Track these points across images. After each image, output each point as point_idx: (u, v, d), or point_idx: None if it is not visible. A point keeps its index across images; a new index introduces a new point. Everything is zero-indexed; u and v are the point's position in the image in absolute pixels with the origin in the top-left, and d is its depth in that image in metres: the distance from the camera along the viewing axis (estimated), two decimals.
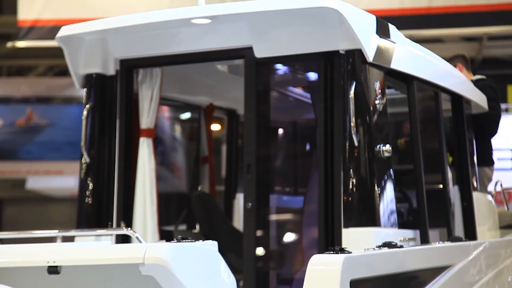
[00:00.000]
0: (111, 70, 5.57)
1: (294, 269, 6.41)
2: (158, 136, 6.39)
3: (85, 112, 5.58)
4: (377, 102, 4.81)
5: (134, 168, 5.66)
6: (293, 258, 6.50)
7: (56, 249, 3.63)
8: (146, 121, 5.71)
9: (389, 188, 4.86)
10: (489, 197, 6.14)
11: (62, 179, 15.75)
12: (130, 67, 5.60)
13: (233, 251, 6.08)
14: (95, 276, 3.93)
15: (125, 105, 5.61)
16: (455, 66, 6.85)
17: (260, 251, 6.11)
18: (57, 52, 6.16)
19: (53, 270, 3.51)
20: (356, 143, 4.74)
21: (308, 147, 6.76)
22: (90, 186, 5.55)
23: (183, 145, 7.40)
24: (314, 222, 5.34)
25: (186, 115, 7.51)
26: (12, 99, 16.42)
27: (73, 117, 15.54)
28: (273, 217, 6.30)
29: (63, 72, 15.53)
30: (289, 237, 6.62)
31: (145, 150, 5.68)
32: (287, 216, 6.73)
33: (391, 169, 4.92)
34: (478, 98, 6.14)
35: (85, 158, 5.56)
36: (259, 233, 5.73)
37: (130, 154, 5.66)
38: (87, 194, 5.57)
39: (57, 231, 3.86)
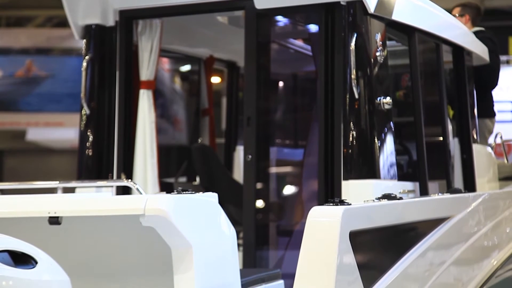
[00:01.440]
0: (110, 21, 5.55)
1: (294, 221, 6.44)
2: (158, 88, 6.37)
3: (84, 64, 5.56)
4: (378, 54, 4.79)
5: (134, 120, 5.66)
6: (292, 210, 6.53)
7: (57, 200, 3.64)
8: (146, 73, 5.69)
9: (389, 140, 4.87)
10: (489, 149, 6.15)
11: (62, 131, 15.77)
12: (129, 18, 5.57)
13: (233, 203, 6.11)
14: (96, 227, 3.95)
15: (125, 56, 5.59)
16: (463, 14, 6.79)
17: (260, 203, 6.13)
18: (56, 3, 6.13)
19: (54, 220, 3.53)
20: (356, 96, 4.73)
21: (308, 99, 6.75)
22: (90, 138, 5.56)
23: (183, 97, 7.39)
24: (314, 174, 5.36)
25: (186, 67, 7.49)
26: (11, 50, 16.37)
27: (73, 69, 15.51)
28: (273, 169, 6.31)
29: (62, 23, 15.44)
30: (289, 189, 6.65)
31: (145, 102, 5.67)
32: (287, 169, 6.75)
33: (391, 122, 4.92)
34: (480, 49, 6.12)
35: (85, 110, 5.56)
36: (259, 185, 5.74)
37: (130, 106, 5.65)
38: (87, 146, 5.58)
39: (57, 182, 3.88)
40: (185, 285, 3.47)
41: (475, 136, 5.72)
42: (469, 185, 5.32)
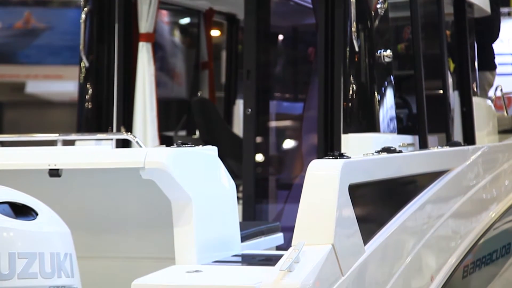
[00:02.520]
0: None
1: (293, 175, 6.45)
2: (157, 41, 6.34)
3: (83, 16, 5.53)
4: (378, 6, 4.76)
5: (134, 73, 5.65)
6: (292, 164, 6.54)
7: (57, 152, 3.65)
8: (145, 25, 5.66)
9: (389, 93, 4.86)
10: (489, 102, 6.14)
11: (61, 84, 15.73)
12: None
13: (232, 157, 6.11)
14: (96, 180, 3.96)
15: (124, 9, 5.55)
16: None
17: (259, 157, 6.13)
18: None
19: (54, 173, 3.54)
20: (356, 49, 4.71)
21: (308, 52, 6.72)
22: (90, 91, 5.55)
23: (183, 50, 7.35)
24: (314, 128, 5.36)
25: (185, 20, 7.44)
26: (9, 1, 16.25)
27: (72, 21, 15.41)
28: (273, 123, 6.31)
29: None
30: (288, 143, 6.65)
31: (144, 55, 5.65)
32: (287, 123, 6.75)
33: (392, 75, 4.91)
34: (481, 1, 6.07)
35: (84, 63, 5.54)
36: (258, 139, 5.75)
37: (130, 59, 5.63)
38: (86, 99, 5.57)
39: (57, 135, 3.87)
40: (185, 237, 3.49)
41: (475, 89, 5.71)
42: (469, 138, 5.32)
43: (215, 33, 7.40)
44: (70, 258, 3.20)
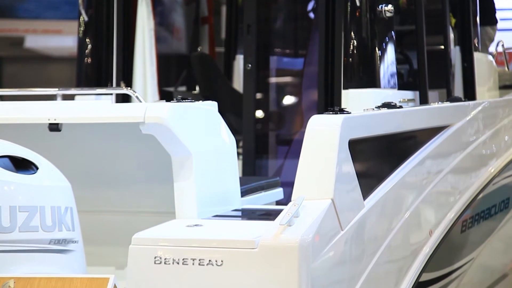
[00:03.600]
0: None
1: (293, 130, 6.46)
2: None
3: None
4: None
5: (133, 28, 5.62)
6: (292, 119, 6.54)
7: (57, 107, 3.65)
8: None
9: (390, 49, 4.85)
10: (490, 57, 6.12)
11: (60, 39, 15.65)
12: None
13: (232, 113, 6.11)
14: (96, 135, 3.96)
15: None
16: None
17: (259, 112, 6.13)
18: None
19: (54, 127, 3.54)
20: (357, 3, 4.69)
21: (309, 7, 6.68)
22: (89, 46, 5.53)
23: (182, 5, 7.30)
24: (314, 83, 5.35)
25: None
26: None
27: None
28: (273, 79, 6.30)
29: None
30: (288, 99, 6.64)
31: (143, 9, 5.61)
32: (287, 78, 6.73)
33: (393, 30, 4.88)
34: None
35: (83, 17, 5.51)
36: (258, 95, 5.74)
37: (129, 13, 5.60)
38: (86, 54, 5.55)
39: (57, 89, 3.87)
40: (185, 192, 3.51)
41: (476, 44, 5.68)
42: (469, 94, 5.31)
43: None
44: (71, 211, 3.22)
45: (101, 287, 2.55)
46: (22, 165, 3.13)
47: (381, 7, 4.74)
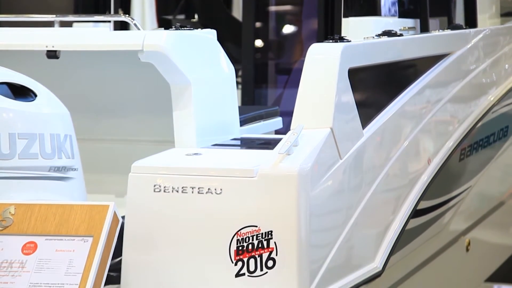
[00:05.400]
0: None
1: (293, 59, 6.44)
2: None
3: None
4: None
5: None
6: (292, 48, 6.52)
7: (55, 34, 3.62)
8: None
9: None
10: None
11: None
12: None
13: (232, 41, 6.08)
14: (95, 63, 3.95)
15: None
16: None
17: (258, 42, 6.10)
18: None
19: (52, 54, 3.52)
20: None
21: None
22: None
23: None
24: (314, 12, 5.31)
25: None
26: None
27: None
28: (272, 7, 6.26)
29: None
30: (288, 27, 6.60)
31: None
32: (287, 7, 6.68)
33: None
34: None
35: None
36: (258, 23, 5.70)
37: None
38: None
39: (54, 16, 3.83)
40: (184, 121, 3.51)
41: None
42: (470, 21, 5.26)
43: None
44: (70, 139, 3.23)
45: (101, 214, 2.57)
46: (20, 92, 3.13)
47: None
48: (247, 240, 2.95)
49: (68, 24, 4.15)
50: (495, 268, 5.10)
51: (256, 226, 2.95)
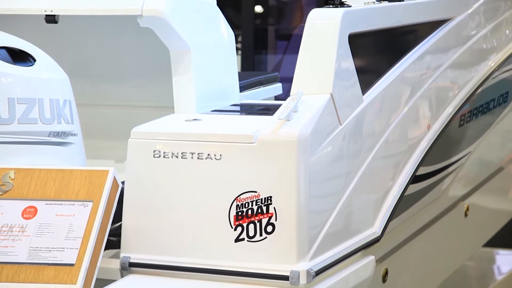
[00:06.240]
0: None
1: (293, 25, 6.42)
2: None
3: None
4: None
5: None
6: (292, 14, 6.50)
7: None
8: None
9: None
10: None
11: None
12: None
13: (232, 7, 6.06)
14: (94, 27, 3.94)
15: None
16: None
17: (258, 7, 6.07)
18: None
19: (51, 19, 3.51)
20: None
21: None
22: None
23: None
24: None
25: None
26: None
27: None
28: None
29: None
30: None
31: None
32: None
33: None
34: None
35: None
36: None
37: None
38: None
39: None
40: (184, 86, 3.51)
41: None
42: None
43: None
44: (70, 104, 3.23)
45: (101, 179, 2.58)
46: (19, 57, 3.12)
47: None
48: (246, 206, 2.96)
49: None
50: (494, 233, 5.12)
51: (256, 192, 2.96)
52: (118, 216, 2.96)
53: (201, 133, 3.08)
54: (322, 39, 3.25)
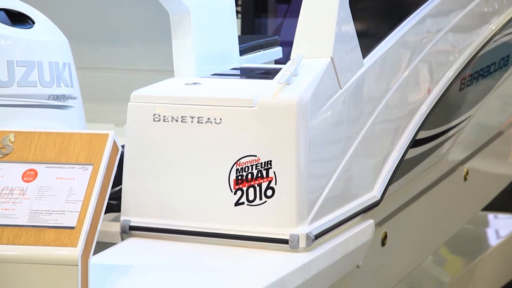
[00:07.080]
0: None
1: None
2: None
3: None
4: None
5: None
6: None
7: None
8: None
9: None
10: None
11: None
12: None
13: None
14: None
15: None
16: None
17: None
18: None
19: None
20: None
21: None
22: None
23: None
24: None
25: None
26: None
27: None
28: None
29: None
30: None
31: None
32: None
33: None
34: None
35: None
36: None
37: None
38: None
39: None
40: (184, 50, 3.49)
41: None
42: None
43: None
44: (69, 67, 3.22)
45: (101, 143, 2.57)
46: (18, 19, 3.10)
47: None
48: (246, 170, 2.96)
49: None
50: (493, 197, 5.14)
51: (256, 156, 2.96)
52: (118, 180, 2.97)
53: (201, 97, 3.07)
54: (323, 3, 3.24)
